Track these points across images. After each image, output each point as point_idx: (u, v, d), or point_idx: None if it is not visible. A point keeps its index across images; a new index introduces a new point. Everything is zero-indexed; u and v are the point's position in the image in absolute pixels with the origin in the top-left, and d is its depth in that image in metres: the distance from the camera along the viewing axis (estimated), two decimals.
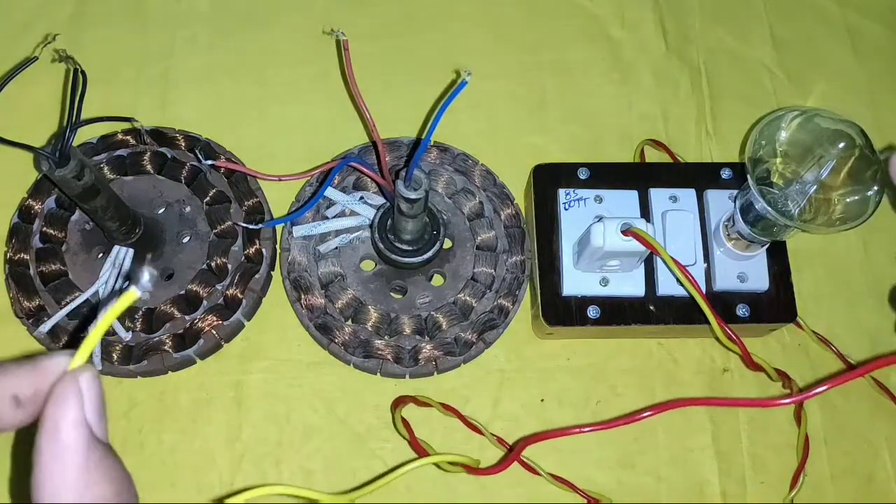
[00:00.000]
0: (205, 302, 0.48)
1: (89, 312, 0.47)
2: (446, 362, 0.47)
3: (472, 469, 0.42)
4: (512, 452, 0.43)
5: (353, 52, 0.39)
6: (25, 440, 0.20)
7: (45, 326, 0.46)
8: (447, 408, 0.46)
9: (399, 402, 0.46)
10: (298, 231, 0.48)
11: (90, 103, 0.37)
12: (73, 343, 0.46)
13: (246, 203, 0.50)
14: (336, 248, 0.49)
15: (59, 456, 0.19)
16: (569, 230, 0.47)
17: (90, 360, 0.21)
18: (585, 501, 0.45)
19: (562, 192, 0.48)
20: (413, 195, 0.39)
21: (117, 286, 0.46)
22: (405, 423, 0.45)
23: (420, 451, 0.44)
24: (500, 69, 0.57)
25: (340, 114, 0.55)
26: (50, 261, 0.48)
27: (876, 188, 0.40)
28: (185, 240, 0.49)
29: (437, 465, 0.43)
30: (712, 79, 0.58)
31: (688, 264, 0.44)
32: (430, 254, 0.46)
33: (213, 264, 0.48)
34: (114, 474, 0.20)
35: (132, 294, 0.20)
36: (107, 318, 0.21)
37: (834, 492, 0.47)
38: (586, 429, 0.38)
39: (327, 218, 0.49)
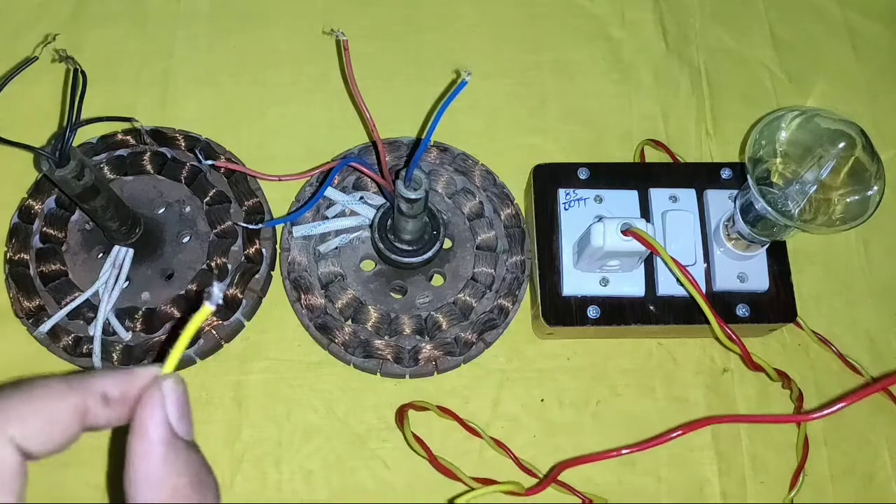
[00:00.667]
0: None
1: (89, 312, 0.47)
2: (446, 362, 0.47)
3: (517, 494, 0.43)
4: (550, 476, 0.43)
5: (353, 52, 0.39)
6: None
7: (45, 326, 0.46)
8: (445, 411, 0.46)
9: (402, 415, 0.45)
10: (298, 231, 0.48)
11: (90, 103, 0.37)
12: (76, 344, 0.46)
13: (246, 203, 0.50)
14: (336, 248, 0.49)
15: (145, 452, 0.22)
16: (569, 230, 0.47)
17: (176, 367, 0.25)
18: (581, 502, 0.45)
19: (562, 192, 0.48)
20: (413, 195, 0.39)
21: (117, 286, 0.46)
22: (420, 441, 0.44)
23: (441, 468, 0.44)
24: (500, 69, 0.57)
25: (340, 114, 0.55)
26: (50, 261, 0.48)
27: (876, 188, 0.40)
28: (185, 240, 0.49)
29: None
30: (712, 79, 0.58)
31: (688, 264, 0.44)
32: (430, 254, 0.46)
33: (213, 264, 0.48)
34: (193, 468, 0.23)
35: (207, 309, 0.23)
36: (188, 332, 0.24)
37: (834, 492, 0.47)
38: (625, 451, 0.39)
39: (327, 218, 0.49)
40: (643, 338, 0.50)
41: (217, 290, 0.23)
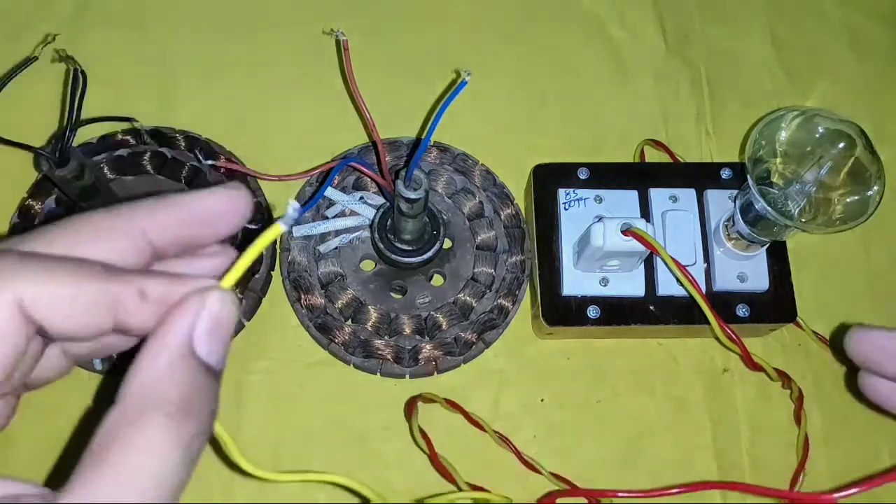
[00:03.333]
0: None
1: None
2: (446, 362, 0.47)
3: None
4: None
5: (353, 51, 0.39)
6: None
7: None
8: (451, 404, 0.46)
9: (411, 407, 0.45)
10: (298, 231, 0.48)
11: (90, 103, 0.37)
12: None
13: None
14: (336, 248, 0.49)
15: (154, 354, 0.20)
16: (569, 230, 0.47)
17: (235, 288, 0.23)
18: (586, 501, 0.45)
19: (562, 192, 0.48)
20: (413, 195, 0.39)
21: None
22: (425, 436, 0.44)
23: (440, 468, 0.44)
24: (500, 69, 0.57)
25: (340, 114, 0.55)
26: None
27: (876, 188, 0.40)
28: None
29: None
30: (712, 79, 0.58)
31: (688, 264, 0.44)
32: (430, 254, 0.46)
33: None
34: (193, 391, 0.21)
35: (277, 228, 0.21)
36: (255, 248, 0.22)
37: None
38: (621, 494, 0.40)
39: (327, 218, 0.49)
40: (643, 338, 0.50)
41: (292, 211, 0.21)
